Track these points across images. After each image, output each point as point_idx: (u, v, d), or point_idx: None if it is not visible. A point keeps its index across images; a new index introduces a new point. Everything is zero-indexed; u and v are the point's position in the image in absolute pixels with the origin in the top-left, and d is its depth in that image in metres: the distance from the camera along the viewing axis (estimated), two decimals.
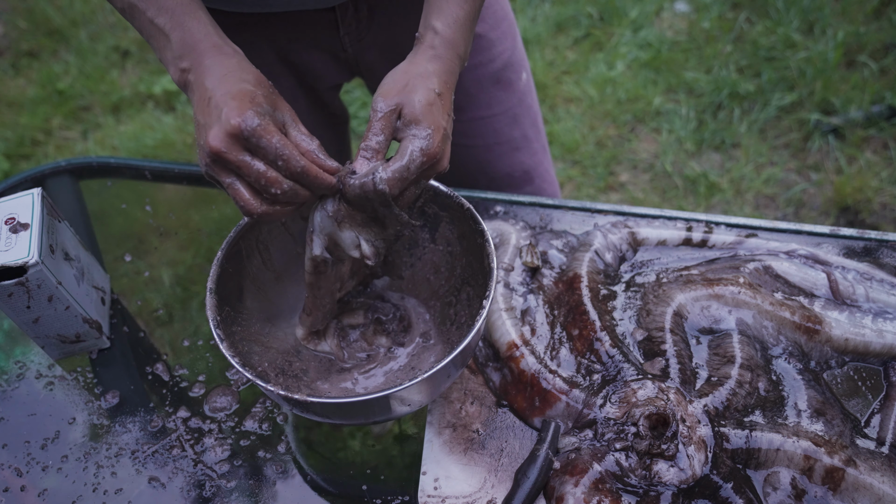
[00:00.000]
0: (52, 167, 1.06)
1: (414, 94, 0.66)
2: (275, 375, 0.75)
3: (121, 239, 1.00)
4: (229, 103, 0.60)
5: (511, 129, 1.06)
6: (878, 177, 1.89)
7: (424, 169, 0.66)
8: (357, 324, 0.81)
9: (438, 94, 0.67)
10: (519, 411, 0.77)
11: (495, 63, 1.00)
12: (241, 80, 0.63)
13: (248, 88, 0.62)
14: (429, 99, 0.66)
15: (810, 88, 2.08)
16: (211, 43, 0.66)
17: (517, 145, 1.08)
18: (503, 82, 1.03)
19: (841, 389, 0.76)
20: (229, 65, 0.64)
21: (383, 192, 0.64)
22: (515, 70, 1.04)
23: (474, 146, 1.05)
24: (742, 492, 0.67)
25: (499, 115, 1.04)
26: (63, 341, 0.84)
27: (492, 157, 1.07)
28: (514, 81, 1.04)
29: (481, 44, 0.98)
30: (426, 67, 0.68)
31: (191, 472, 0.77)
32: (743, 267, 0.81)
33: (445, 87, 0.68)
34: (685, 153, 2.03)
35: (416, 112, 0.65)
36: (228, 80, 0.63)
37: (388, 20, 0.92)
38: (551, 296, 0.83)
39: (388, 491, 0.75)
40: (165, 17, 0.66)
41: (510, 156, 1.08)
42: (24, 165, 2.22)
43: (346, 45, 0.94)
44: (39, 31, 2.60)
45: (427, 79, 0.67)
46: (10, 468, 0.79)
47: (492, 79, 1.01)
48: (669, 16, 2.39)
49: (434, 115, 0.65)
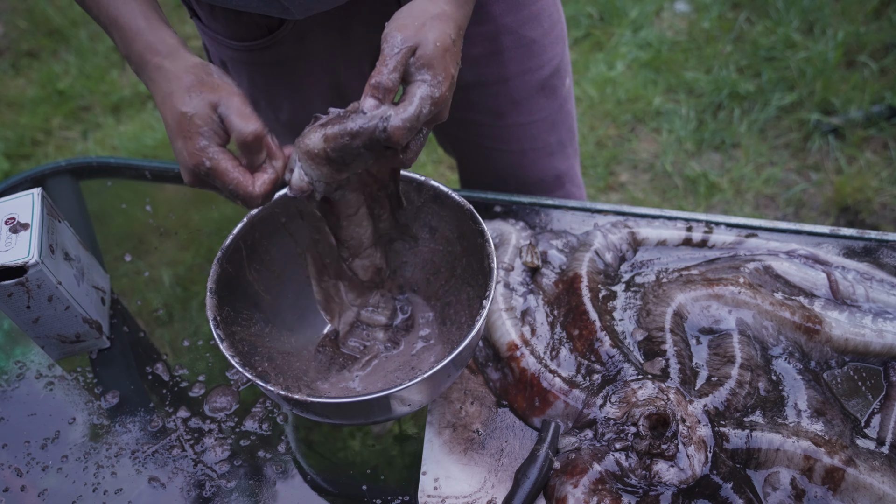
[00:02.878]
0: (52, 167, 1.06)
1: (431, 35, 0.63)
2: (275, 375, 0.75)
3: (121, 239, 1.00)
4: (180, 142, 0.64)
5: (548, 135, 1.03)
6: (878, 177, 1.89)
7: (433, 115, 0.64)
8: (379, 324, 0.81)
9: (453, 40, 0.65)
10: (519, 411, 0.77)
11: (544, 70, 0.97)
12: (183, 99, 0.64)
13: (187, 115, 0.64)
14: (445, 44, 0.64)
15: (810, 88, 2.08)
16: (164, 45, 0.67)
17: (552, 151, 1.05)
18: (548, 89, 0.99)
19: (841, 389, 0.76)
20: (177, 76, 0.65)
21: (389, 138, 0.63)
22: (561, 76, 1.00)
23: (510, 151, 1.02)
24: (742, 492, 0.67)
25: (539, 122, 1.01)
26: (63, 341, 0.84)
27: (526, 161, 1.04)
28: (557, 88, 1.01)
29: (534, 49, 0.95)
30: (444, 8, 0.66)
31: (191, 472, 0.77)
32: (743, 267, 0.81)
33: (458, 34, 0.66)
34: (685, 153, 2.03)
35: (431, 56, 0.63)
36: (174, 100, 0.64)
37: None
38: (551, 296, 0.83)
39: (388, 491, 0.75)
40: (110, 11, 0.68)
41: (544, 161, 1.05)
42: (24, 165, 2.22)
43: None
44: (39, 31, 2.60)
45: (445, 21, 0.65)
46: (10, 468, 0.79)
47: (538, 86, 0.98)
48: (669, 16, 2.39)
49: (447, 62, 0.64)
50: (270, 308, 0.81)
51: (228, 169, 0.64)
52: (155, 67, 0.66)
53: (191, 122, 0.64)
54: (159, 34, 0.67)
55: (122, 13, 0.67)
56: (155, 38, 0.67)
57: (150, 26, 0.67)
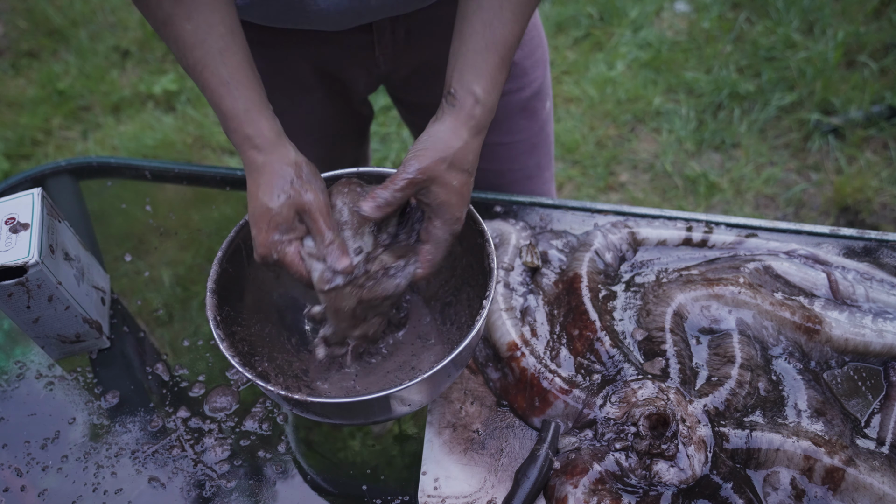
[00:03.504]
0: (52, 167, 1.06)
1: (450, 175, 0.67)
2: (275, 375, 0.75)
3: (121, 239, 1.00)
4: (256, 231, 0.68)
5: (527, 158, 1.05)
6: (878, 177, 1.89)
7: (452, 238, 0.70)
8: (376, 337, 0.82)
9: (470, 173, 0.69)
10: (519, 411, 0.77)
11: (525, 91, 0.99)
12: (271, 195, 0.67)
13: (271, 211, 0.67)
14: (462, 181, 0.68)
15: (810, 88, 2.08)
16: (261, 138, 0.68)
17: (530, 173, 1.07)
18: (529, 111, 1.01)
19: (841, 389, 0.76)
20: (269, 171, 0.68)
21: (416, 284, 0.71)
22: (541, 99, 1.03)
23: (489, 170, 1.04)
24: (742, 492, 0.67)
25: (518, 143, 1.04)
26: (63, 341, 0.84)
27: (503, 182, 1.06)
28: (538, 110, 1.03)
29: (515, 71, 0.97)
30: (468, 142, 0.68)
31: (191, 472, 0.77)
32: (743, 267, 0.81)
33: (475, 163, 0.69)
34: (685, 153, 2.03)
35: (450, 196, 0.68)
36: (261, 194, 0.68)
37: (424, 43, 0.92)
38: (551, 296, 0.83)
39: (388, 491, 0.75)
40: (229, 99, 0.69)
41: (521, 183, 1.07)
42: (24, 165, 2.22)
43: (380, 63, 0.93)
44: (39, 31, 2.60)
45: (465, 156, 0.68)
46: (10, 468, 0.79)
47: (519, 106, 1.00)
48: (669, 16, 2.39)
49: (464, 199, 0.69)
50: (271, 308, 0.81)
51: (294, 262, 0.68)
52: (251, 158, 0.69)
53: (272, 218, 0.67)
54: (258, 125, 0.68)
55: (223, 97, 0.68)
56: (253, 129, 0.68)
57: (249, 117, 0.68)
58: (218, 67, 0.67)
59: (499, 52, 0.68)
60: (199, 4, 0.66)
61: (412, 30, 0.90)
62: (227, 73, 0.68)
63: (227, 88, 0.68)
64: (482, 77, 0.68)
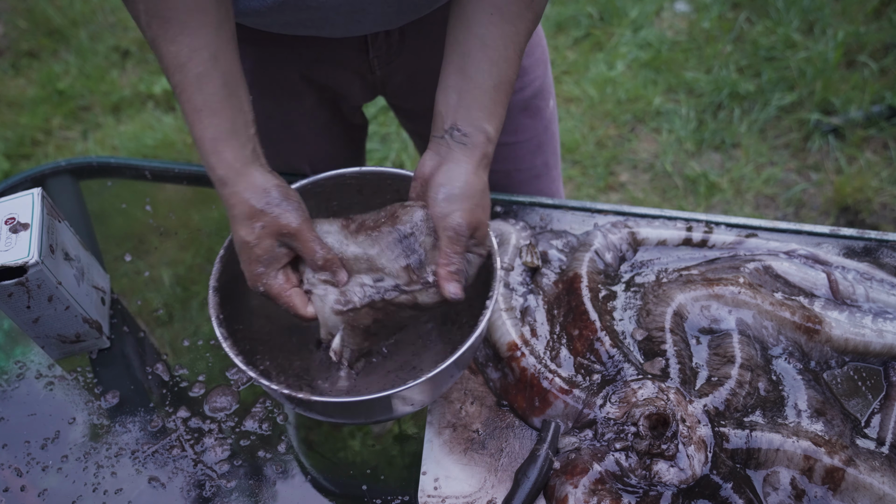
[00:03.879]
0: (52, 167, 1.06)
1: (481, 217, 0.69)
2: (276, 374, 0.75)
3: (121, 239, 1.00)
4: (241, 264, 0.69)
5: (534, 157, 1.05)
6: (878, 177, 1.89)
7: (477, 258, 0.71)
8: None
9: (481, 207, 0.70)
10: (519, 411, 0.77)
11: (526, 91, 0.99)
12: (245, 228, 0.67)
13: (249, 244, 0.67)
14: (486, 217, 0.70)
15: (810, 88, 2.08)
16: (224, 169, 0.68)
17: (538, 173, 1.07)
18: (531, 109, 1.01)
19: (841, 389, 0.76)
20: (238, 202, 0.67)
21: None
22: (544, 97, 1.02)
23: (496, 171, 1.03)
24: (742, 492, 0.67)
25: (523, 143, 1.03)
26: (63, 341, 0.84)
27: (511, 183, 1.06)
28: (542, 109, 1.02)
29: None
30: (485, 180, 0.70)
31: (191, 472, 0.77)
32: (743, 267, 0.81)
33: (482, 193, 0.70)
34: (685, 153, 2.03)
35: (482, 234, 0.70)
36: (237, 227, 0.67)
37: (419, 45, 0.91)
38: (551, 296, 0.83)
39: (388, 491, 0.75)
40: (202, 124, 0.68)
41: (530, 183, 1.07)
42: (24, 165, 2.22)
43: (374, 68, 0.93)
44: (39, 31, 2.60)
45: (485, 194, 0.70)
46: (10, 468, 0.79)
47: (521, 106, 1.00)
48: (669, 16, 2.39)
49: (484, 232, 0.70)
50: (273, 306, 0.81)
51: (280, 294, 0.68)
52: (218, 192, 0.68)
53: (252, 251, 0.67)
54: (221, 156, 0.67)
55: (195, 124, 0.67)
56: (216, 160, 0.67)
57: (214, 147, 0.67)
58: (193, 94, 0.67)
59: (505, 91, 0.70)
60: (185, 27, 0.65)
61: (406, 32, 0.90)
62: (200, 100, 0.67)
63: (198, 116, 0.67)
64: (493, 116, 0.70)
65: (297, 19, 0.78)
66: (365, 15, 0.79)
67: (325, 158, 1.06)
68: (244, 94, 0.70)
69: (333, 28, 0.81)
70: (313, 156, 1.04)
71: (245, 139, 0.69)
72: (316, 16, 0.77)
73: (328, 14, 0.78)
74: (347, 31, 0.82)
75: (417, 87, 0.97)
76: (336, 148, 1.08)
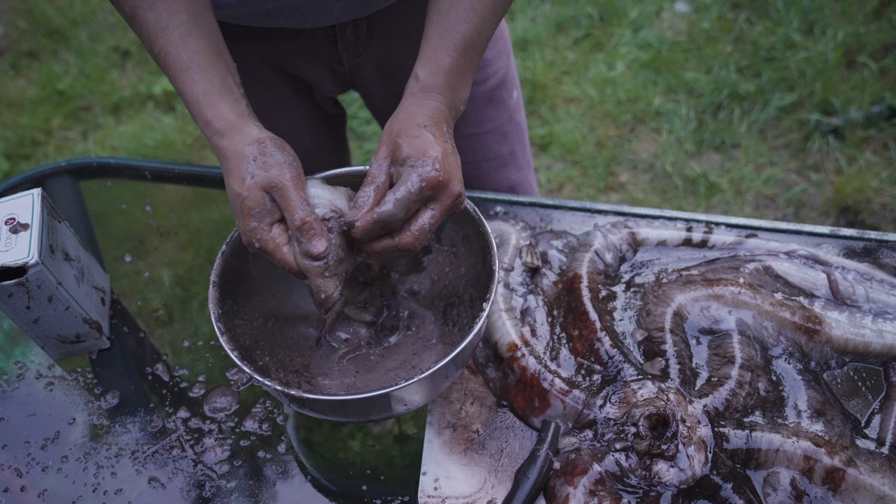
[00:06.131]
0: (52, 167, 1.06)
1: (400, 137, 0.66)
2: (275, 370, 0.75)
3: (121, 239, 1.00)
4: (236, 219, 0.67)
5: (500, 146, 1.07)
6: (878, 177, 1.89)
7: (428, 194, 0.65)
8: (357, 319, 0.81)
9: (424, 126, 0.67)
10: (519, 411, 0.77)
11: (490, 82, 1.01)
12: (238, 180, 0.66)
13: (241, 196, 0.65)
14: (413, 134, 0.66)
15: (810, 89, 2.08)
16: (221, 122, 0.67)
17: (505, 161, 1.09)
18: (495, 100, 1.03)
19: (841, 390, 0.76)
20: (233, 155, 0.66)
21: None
22: (508, 88, 1.05)
23: (464, 162, 1.06)
24: (742, 492, 0.67)
25: (489, 133, 1.05)
26: (63, 341, 0.84)
27: (480, 173, 1.08)
28: (505, 99, 1.05)
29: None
30: (409, 111, 0.69)
31: (191, 472, 0.77)
32: (743, 267, 0.81)
33: (431, 120, 0.68)
34: (685, 153, 2.03)
35: (404, 150, 0.66)
36: (231, 180, 0.66)
37: (386, 37, 0.92)
38: (551, 296, 0.83)
39: (388, 491, 0.75)
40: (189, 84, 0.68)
41: (498, 172, 1.09)
42: (24, 166, 2.22)
43: (343, 60, 0.94)
44: (39, 31, 2.60)
45: (410, 118, 0.68)
46: (10, 468, 0.79)
47: (485, 97, 1.02)
48: (669, 16, 2.39)
49: (423, 145, 0.66)
50: (275, 304, 0.81)
51: (276, 250, 0.66)
52: (214, 144, 0.68)
53: (244, 203, 0.65)
54: (217, 108, 0.67)
55: (184, 83, 0.67)
56: (211, 113, 0.67)
57: (208, 101, 0.67)
58: (179, 53, 0.67)
59: (451, 39, 0.69)
60: None
61: (374, 23, 0.90)
62: (187, 57, 0.67)
63: (187, 73, 0.67)
64: (428, 62, 0.70)
65: (266, 9, 0.78)
66: (334, 2, 0.79)
67: (307, 149, 1.07)
68: (228, 56, 0.70)
69: (303, 17, 0.81)
70: (294, 147, 1.05)
71: (238, 95, 0.69)
72: (285, 4, 0.78)
73: (297, 2, 0.78)
74: (317, 20, 0.82)
75: (385, 80, 0.98)
76: (318, 138, 1.08)
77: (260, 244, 0.66)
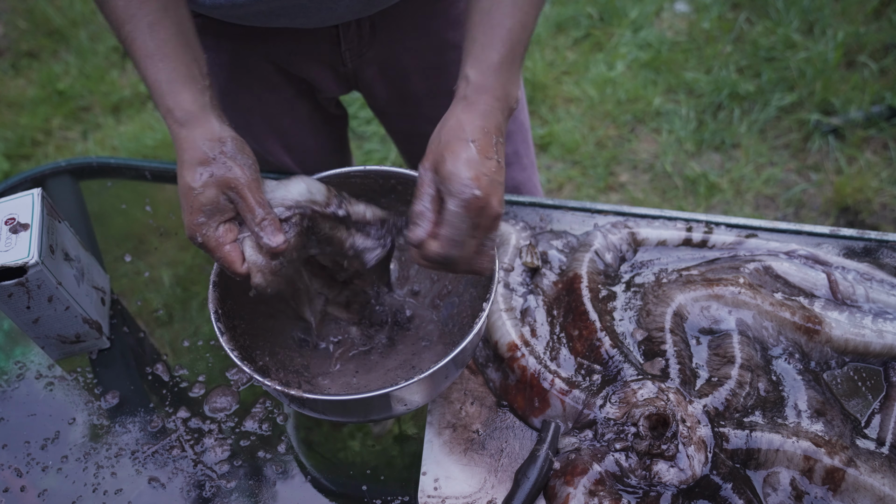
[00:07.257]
0: (52, 167, 1.06)
1: (446, 151, 0.64)
2: (275, 370, 0.75)
3: (121, 239, 1.00)
4: (182, 210, 0.66)
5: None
6: (878, 177, 1.89)
7: (473, 221, 0.64)
8: (342, 318, 0.81)
9: (472, 140, 0.65)
10: (519, 411, 0.77)
11: None
12: (192, 174, 0.65)
13: (193, 191, 0.65)
14: (459, 150, 0.64)
15: (810, 89, 2.08)
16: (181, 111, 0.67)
17: (509, 161, 1.08)
18: None
19: (841, 390, 0.76)
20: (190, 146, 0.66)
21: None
22: None
23: None
24: (742, 492, 0.67)
25: None
26: (63, 341, 0.84)
27: None
28: None
29: None
30: (459, 118, 0.67)
31: (191, 472, 0.77)
32: (743, 267, 0.81)
33: (481, 132, 0.66)
34: (685, 153, 2.03)
35: (448, 168, 0.64)
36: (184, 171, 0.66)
37: (389, 37, 0.92)
38: (551, 296, 0.83)
39: (388, 491, 0.75)
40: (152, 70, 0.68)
41: None
42: (24, 166, 2.22)
43: (346, 60, 0.93)
44: (39, 32, 2.60)
45: (459, 130, 0.66)
46: (10, 468, 0.79)
47: None
48: (669, 16, 2.39)
49: (469, 166, 0.63)
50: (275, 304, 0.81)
51: (218, 248, 0.66)
52: (173, 132, 0.67)
53: (196, 198, 0.65)
54: (178, 97, 0.67)
55: (148, 69, 0.67)
56: (173, 101, 0.67)
57: (171, 88, 0.67)
58: (145, 40, 0.67)
59: (498, 36, 0.68)
60: None
61: (377, 23, 0.90)
62: (153, 45, 0.67)
63: (151, 60, 0.67)
64: (476, 62, 0.68)
65: (271, 8, 0.78)
66: (338, 2, 0.79)
67: (308, 150, 1.06)
68: (197, 46, 0.70)
69: (307, 17, 0.81)
70: (296, 148, 1.05)
71: (203, 86, 0.68)
72: (289, 4, 0.78)
73: (301, 1, 0.78)
74: (320, 20, 0.82)
75: (388, 80, 0.98)
76: (320, 139, 1.08)
77: (203, 239, 0.66)
